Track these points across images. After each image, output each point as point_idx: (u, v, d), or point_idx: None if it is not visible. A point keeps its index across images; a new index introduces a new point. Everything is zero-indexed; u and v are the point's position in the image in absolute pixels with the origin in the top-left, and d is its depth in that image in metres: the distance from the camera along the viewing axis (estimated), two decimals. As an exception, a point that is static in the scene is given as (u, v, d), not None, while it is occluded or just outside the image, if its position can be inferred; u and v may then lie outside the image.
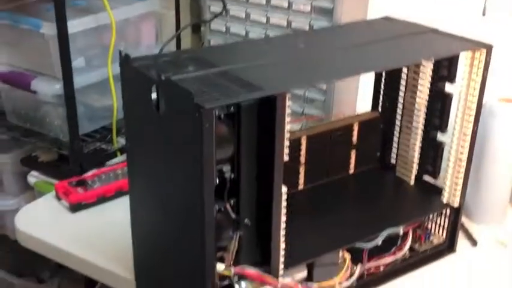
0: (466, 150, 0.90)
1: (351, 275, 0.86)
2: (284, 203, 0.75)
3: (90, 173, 1.18)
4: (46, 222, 1.10)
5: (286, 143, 0.71)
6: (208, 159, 0.66)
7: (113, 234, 1.02)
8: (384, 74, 1.01)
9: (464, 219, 1.05)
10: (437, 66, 0.93)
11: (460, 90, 0.88)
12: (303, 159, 0.97)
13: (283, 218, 0.76)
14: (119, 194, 1.13)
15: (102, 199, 1.12)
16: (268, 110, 0.69)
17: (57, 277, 1.53)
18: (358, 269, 0.86)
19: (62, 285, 1.47)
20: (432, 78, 0.93)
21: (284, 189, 0.74)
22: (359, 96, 1.18)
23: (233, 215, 0.73)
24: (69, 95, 1.20)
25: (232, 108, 0.68)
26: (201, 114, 0.63)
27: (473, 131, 0.89)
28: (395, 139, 1.03)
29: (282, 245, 0.77)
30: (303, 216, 0.93)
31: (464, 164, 0.91)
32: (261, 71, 0.76)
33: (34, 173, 1.41)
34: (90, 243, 1.01)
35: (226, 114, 0.69)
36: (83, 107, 1.32)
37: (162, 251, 0.82)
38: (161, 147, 0.74)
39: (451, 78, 0.92)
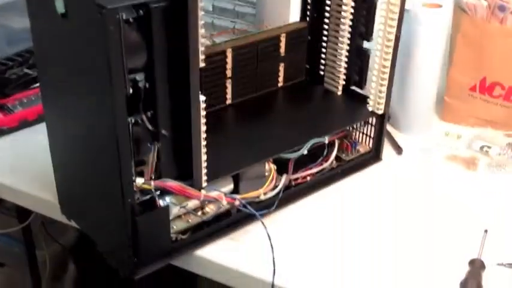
0: (389, 57, 0.90)
1: (276, 185, 0.85)
2: (203, 112, 0.73)
3: (10, 98, 1.13)
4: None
5: (202, 48, 0.69)
6: (117, 66, 0.63)
7: (38, 159, 0.97)
8: (309, -19, 0.99)
9: (391, 129, 1.07)
10: (361, -29, 0.90)
11: (383, -6, 0.86)
12: (229, 72, 0.95)
13: (203, 128, 0.74)
14: (42, 117, 1.08)
15: (24, 123, 1.08)
16: (180, 13, 0.66)
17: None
18: (283, 179, 0.86)
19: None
20: (357, -16, 0.91)
21: (202, 97, 0.72)
22: (293, 8, 1.15)
23: (150, 127, 0.71)
24: (-17, 15, 1.13)
25: (141, 11, 0.65)
26: (104, 15, 0.59)
27: (396, 36, 0.88)
28: (323, 50, 1.01)
29: (204, 157, 0.76)
30: (230, 129, 0.93)
31: (387, 70, 0.91)
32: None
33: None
34: (15, 170, 0.98)
35: (135, 18, 0.65)
36: (2, 29, 1.25)
37: (81, 171, 0.80)
38: (70, 60, 0.70)
39: (375, -16, 0.90)
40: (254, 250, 0.81)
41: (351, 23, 0.95)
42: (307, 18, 1.01)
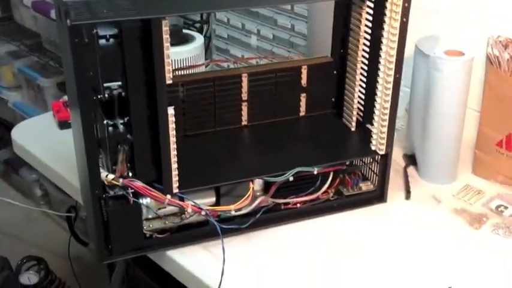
0: (388, 98, 0.90)
1: (251, 203, 0.90)
2: (172, 125, 0.80)
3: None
4: (38, 136, 1.22)
5: (168, 66, 0.77)
6: (81, 73, 0.73)
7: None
8: (335, 18, 1.02)
9: (413, 173, 1.05)
10: (375, 10, 0.91)
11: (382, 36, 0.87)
12: (245, 96, 1.01)
13: (173, 139, 0.81)
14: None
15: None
16: (150, 34, 0.75)
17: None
18: (258, 200, 0.90)
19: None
20: (372, 23, 0.93)
21: (171, 110, 0.80)
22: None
23: (121, 130, 0.80)
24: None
25: (116, 30, 0.75)
26: (70, 29, 0.70)
27: (394, 78, 0.88)
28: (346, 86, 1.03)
29: (174, 165, 0.83)
30: (228, 148, 0.98)
31: (387, 111, 0.90)
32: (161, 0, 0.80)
33: (66, 97, 1.56)
34: (70, 161, 1.09)
35: (112, 35, 0.75)
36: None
37: (79, 166, 0.92)
38: (69, 68, 0.82)
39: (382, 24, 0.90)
40: (218, 261, 0.86)
41: (365, 61, 0.96)
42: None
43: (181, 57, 1.22)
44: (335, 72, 1.04)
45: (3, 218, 2.02)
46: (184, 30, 1.31)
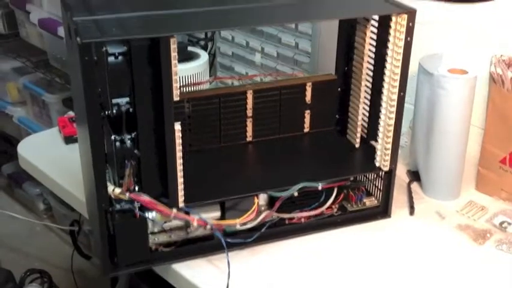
0: (393, 115, 0.91)
1: (256, 218, 0.90)
2: (178, 140, 0.82)
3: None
4: (44, 151, 1.24)
5: (175, 83, 0.78)
6: (90, 90, 0.74)
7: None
8: (339, 36, 1.03)
9: (417, 189, 1.06)
10: (380, 30, 0.93)
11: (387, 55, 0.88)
12: (249, 112, 1.02)
13: (179, 154, 0.82)
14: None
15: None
16: (158, 52, 0.76)
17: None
18: (263, 214, 0.91)
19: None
20: (376, 42, 0.94)
21: (177, 126, 0.81)
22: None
23: (128, 146, 0.81)
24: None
25: (125, 47, 0.76)
26: (80, 47, 0.71)
27: (399, 96, 0.89)
28: (350, 103, 1.04)
29: (180, 180, 0.84)
30: (234, 163, 0.99)
31: (391, 128, 0.91)
32: (168, 18, 0.82)
33: (72, 113, 1.57)
34: (76, 175, 1.09)
35: (121, 53, 0.77)
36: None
37: (87, 181, 0.93)
38: (78, 85, 0.83)
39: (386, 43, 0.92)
40: (222, 275, 0.87)
41: (369, 79, 0.97)
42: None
43: (186, 74, 1.23)
44: (339, 89, 1.06)
45: (7, 231, 2.03)
46: (189, 48, 1.33)
